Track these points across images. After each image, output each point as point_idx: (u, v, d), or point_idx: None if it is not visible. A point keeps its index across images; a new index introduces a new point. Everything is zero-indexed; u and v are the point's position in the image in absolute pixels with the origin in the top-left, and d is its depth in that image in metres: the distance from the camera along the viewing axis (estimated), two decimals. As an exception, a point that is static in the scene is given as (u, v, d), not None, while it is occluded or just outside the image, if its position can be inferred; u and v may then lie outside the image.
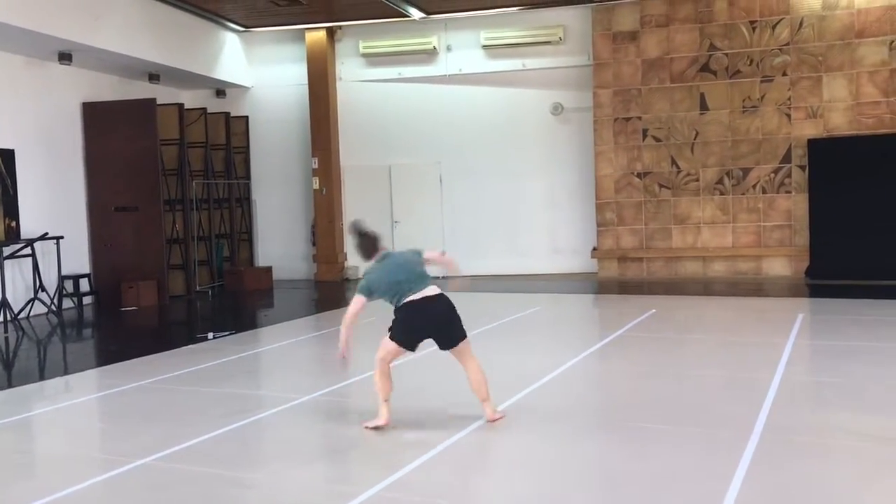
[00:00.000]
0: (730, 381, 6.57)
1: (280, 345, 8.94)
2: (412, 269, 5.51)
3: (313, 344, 9.27)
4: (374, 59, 15.52)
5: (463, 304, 6.03)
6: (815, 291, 12.00)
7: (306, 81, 15.49)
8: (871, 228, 12.43)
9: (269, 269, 15.11)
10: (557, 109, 14.82)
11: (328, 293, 13.96)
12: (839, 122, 13.00)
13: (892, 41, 12.65)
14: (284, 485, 4.46)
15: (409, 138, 15.44)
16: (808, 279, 12.93)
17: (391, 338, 5.47)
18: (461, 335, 5.46)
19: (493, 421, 5.37)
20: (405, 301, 5.41)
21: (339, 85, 15.72)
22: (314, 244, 15.76)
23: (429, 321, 5.37)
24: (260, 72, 16.07)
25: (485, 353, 7.85)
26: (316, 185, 15.50)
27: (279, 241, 16.10)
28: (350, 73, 15.71)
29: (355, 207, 15.76)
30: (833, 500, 4.01)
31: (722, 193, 13.69)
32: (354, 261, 15.80)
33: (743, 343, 8.22)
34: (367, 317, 10.11)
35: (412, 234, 15.46)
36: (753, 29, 13.37)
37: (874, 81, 12.80)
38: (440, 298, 5.47)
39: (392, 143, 15.50)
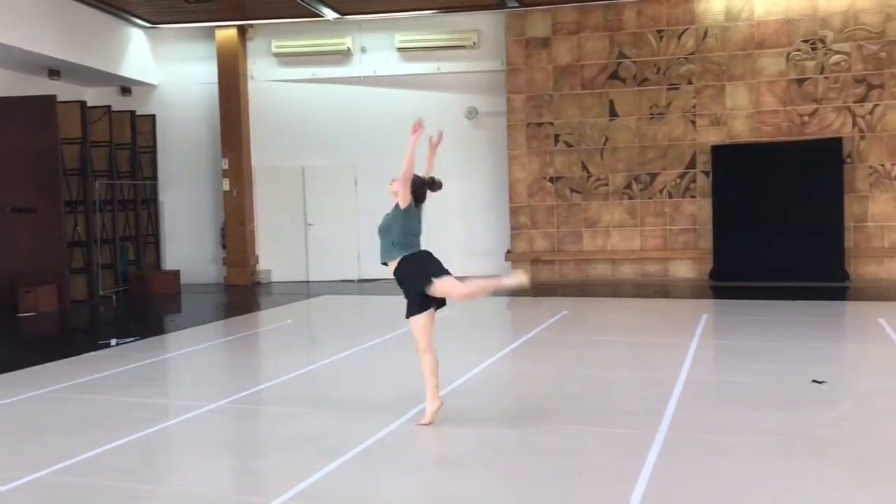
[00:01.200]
0: (637, 381, 6.72)
1: (187, 351, 8.68)
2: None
3: (222, 350, 9.04)
4: (286, 58, 15.29)
5: (378, 308, 5.97)
6: (718, 293, 12.44)
7: (216, 80, 15.13)
8: (771, 232, 12.96)
9: (176, 273, 14.67)
10: (472, 114, 14.92)
11: (238, 298, 13.66)
12: (741, 130, 13.52)
13: (789, 53, 13.23)
14: (189, 497, 4.31)
15: (323, 140, 15.27)
16: (711, 281, 13.39)
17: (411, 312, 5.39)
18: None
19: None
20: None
21: (250, 84, 15.42)
22: (224, 247, 15.39)
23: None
24: (167, 69, 15.61)
25: (399, 357, 7.85)
26: (226, 187, 15.15)
27: (187, 244, 15.67)
28: (262, 73, 15.43)
29: (267, 209, 15.50)
30: (734, 493, 4.13)
31: (630, 198, 14.04)
32: (266, 264, 15.53)
33: (650, 344, 8.43)
34: (283, 318, 9.94)
35: (326, 236, 15.31)
36: (661, 38, 13.77)
37: (773, 91, 13.36)
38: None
39: (306, 145, 15.30)
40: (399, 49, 14.88)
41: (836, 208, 12.85)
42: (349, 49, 14.96)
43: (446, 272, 5.48)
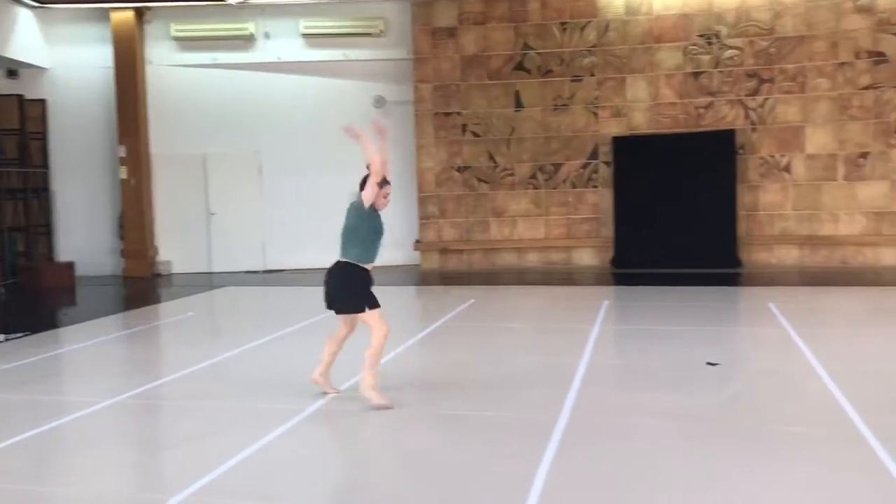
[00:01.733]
0: (541, 366, 6.86)
1: (83, 345, 8.34)
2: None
3: (120, 344, 8.73)
4: (186, 43, 14.82)
5: (284, 299, 5.90)
6: (619, 279, 12.81)
7: (112, 64, 14.54)
8: (669, 220, 13.42)
9: (70, 265, 14.06)
10: (380, 102, 14.84)
11: (137, 290, 13.21)
12: (640, 121, 13.92)
13: (686, 47, 13.70)
14: (87, 496, 4.16)
15: (226, 127, 14.88)
16: (612, 268, 13.77)
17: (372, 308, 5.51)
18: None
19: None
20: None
21: (148, 69, 14.88)
22: (122, 238, 14.84)
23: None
24: (59, 52, 14.88)
25: (306, 347, 7.76)
26: (124, 175, 14.59)
27: (83, 235, 15.03)
28: (161, 58, 14.91)
29: (167, 198, 15.02)
30: (634, 473, 4.28)
31: (535, 188, 14.28)
32: (166, 255, 15.07)
33: (554, 330, 8.62)
34: (185, 310, 9.66)
35: (230, 226, 14.96)
36: (564, 30, 14.03)
37: (670, 84, 13.80)
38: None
39: (207, 132, 14.88)
40: (304, 35, 14.65)
41: (730, 198, 13.41)
42: (252, 34, 14.62)
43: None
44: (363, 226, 5.60)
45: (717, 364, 6.58)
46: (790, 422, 5.06)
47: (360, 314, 5.57)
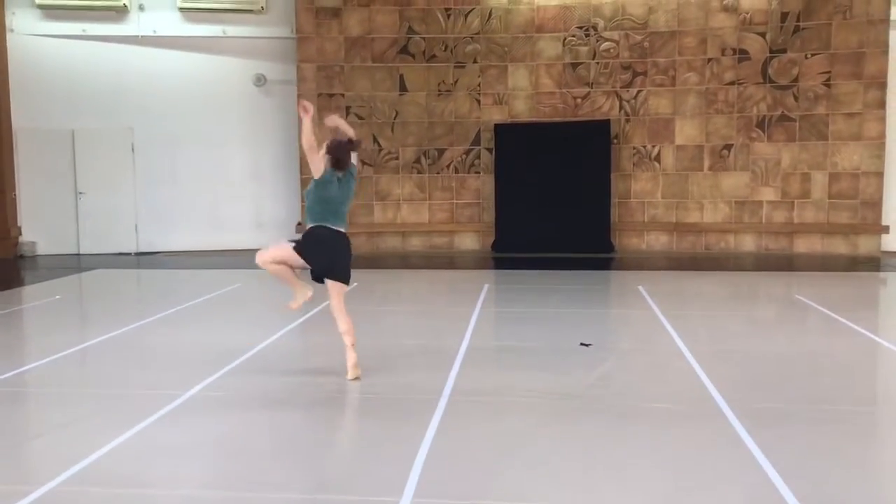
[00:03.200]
0: (422, 349, 6.95)
1: (-64, 331, 7.80)
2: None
3: (-21, 329, 8.21)
4: (52, 11, 14.01)
5: (158, 282, 5.71)
6: (500, 264, 13.10)
7: (-32, 31, 13.57)
8: (547, 206, 13.81)
9: (-79, 245, 13.09)
10: (260, 81, 14.51)
11: (-2, 272, 12.44)
12: (521, 109, 14.22)
13: (565, 38, 14.08)
14: (-60, 489, 3.92)
15: (96, 101, 14.19)
16: (493, 252, 14.06)
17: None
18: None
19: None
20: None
21: (9, 38, 13.98)
22: (-20, 216, 13.92)
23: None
24: None
25: (180, 333, 7.56)
26: (-18, 150, 13.68)
27: (-65, 213, 14.00)
28: (24, 26, 14.03)
29: (31, 176, 14.20)
30: (511, 450, 4.42)
31: (419, 172, 14.36)
32: (30, 235, 14.26)
33: (435, 313, 8.74)
34: (51, 294, 9.17)
35: (100, 205, 14.31)
36: (448, 16, 14.12)
37: (550, 74, 14.16)
38: None
39: (76, 106, 14.15)
40: (181, 9, 14.12)
41: (604, 185, 13.93)
42: (125, 5, 13.97)
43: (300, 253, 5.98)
44: (310, 195, 6.01)
45: (589, 344, 6.86)
46: (656, 399, 5.35)
47: (343, 285, 5.92)
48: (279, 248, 5.91)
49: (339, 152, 5.77)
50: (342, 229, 5.97)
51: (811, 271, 11.94)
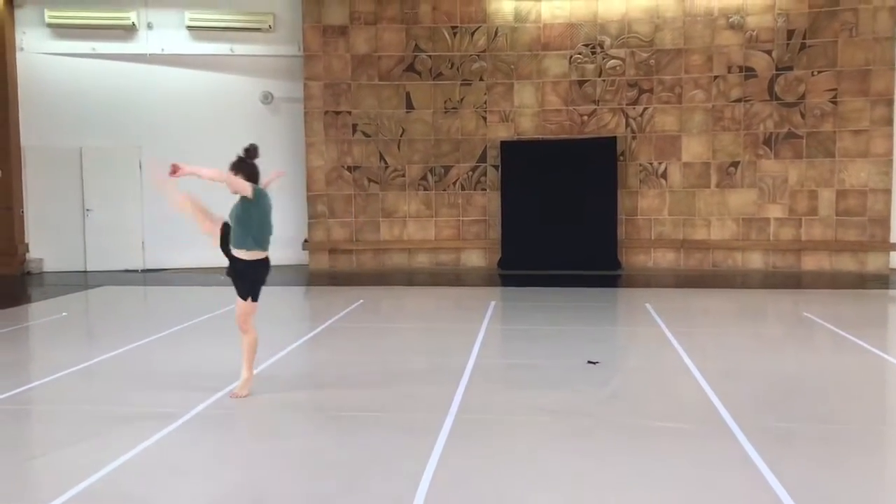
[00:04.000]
0: (429, 366, 6.93)
1: (-57, 348, 7.80)
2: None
3: (-14, 345, 8.21)
4: (63, 30, 14.13)
5: (164, 299, 5.72)
6: (506, 281, 13.07)
7: (-22, 49, 13.69)
8: (553, 223, 13.80)
9: (-70, 262, 13.14)
10: (268, 98, 14.59)
11: (4, 289, 12.46)
12: (527, 127, 14.25)
13: (571, 55, 14.12)
14: (-56, 507, 3.91)
15: (104, 120, 14.27)
16: (499, 269, 14.03)
17: (245, 297, 5.76)
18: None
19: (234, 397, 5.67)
20: (262, 258, 5.81)
21: (19, 56, 14.09)
22: (-12, 234, 13.98)
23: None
24: (-82, 34, 13.89)
25: (185, 350, 7.55)
26: (-9, 167, 13.77)
27: (-56, 230, 14.07)
28: (34, 45, 14.15)
29: (39, 193, 14.27)
30: (518, 468, 4.39)
31: (426, 189, 14.38)
32: (37, 252, 14.31)
33: (442, 330, 8.71)
34: (58, 311, 9.17)
35: (108, 223, 14.35)
36: (454, 34, 14.19)
37: (556, 91, 14.20)
38: None
39: (84, 124, 14.23)
40: (189, 27, 14.22)
41: (611, 202, 13.92)
42: (134, 24, 14.09)
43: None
44: (250, 219, 6.00)
45: (597, 362, 6.82)
46: (664, 417, 5.31)
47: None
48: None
49: (246, 166, 5.82)
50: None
51: (819, 289, 11.88)
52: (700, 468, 4.38)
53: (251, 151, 5.88)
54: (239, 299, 5.82)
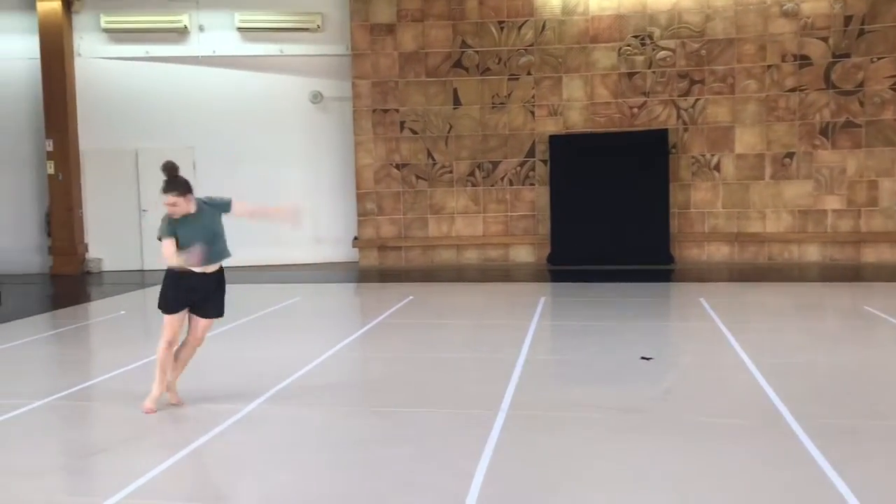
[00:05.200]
0: (480, 362, 6.92)
1: (9, 346, 8.06)
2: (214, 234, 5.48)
3: (49, 343, 8.47)
4: (118, 35, 14.46)
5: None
6: (556, 276, 12.98)
7: (38, 56, 14.08)
8: (603, 217, 13.65)
9: (-5, 263, 13.59)
10: (317, 98, 14.72)
11: (66, 288, 12.83)
12: (576, 120, 14.12)
13: (620, 47, 13.95)
14: (16, 502, 4.02)
15: (158, 121, 14.57)
16: (549, 265, 13.95)
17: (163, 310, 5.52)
18: (219, 314, 5.66)
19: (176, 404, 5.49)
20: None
21: (77, 61, 14.47)
22: (49, 235, 14.40)
23: (194, 291, 5.50)
24: (-18, 42, 14.37)
25: (243, 345, 7.67)
26: (51, 170, 14.17)
27: (8, 232, 14.54)
28: (91, 50, 14.51)
29: (97, 195, 14.64)
30: (571, 466, 4.35)
31: (473, 185, 14.36)
32: (96, 252, 14.69)
33: (492, 326, 8.69)
34: (116, 309, 9.40)
35: (163, 223, 14.63)
36: (502, 29, 14.13)
37: (605, 84, 14.04)
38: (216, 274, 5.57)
39: (140, 126, 14.55)
40: (240, 29, 14.43)
41: (662, 195, 13.72)
42: (186, 27, 14.34)
43: None
44: (222, 231, 5.71)
45: (650, 358, 6.73)
46: (720, 413, 5.21)
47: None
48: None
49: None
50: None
51: (880, 282, 11.54)
52: (758, 466, 4.29)
53: (171, 168, 5.67)
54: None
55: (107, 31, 14.41)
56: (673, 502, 3.87)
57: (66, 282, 13.45)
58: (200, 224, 5.46)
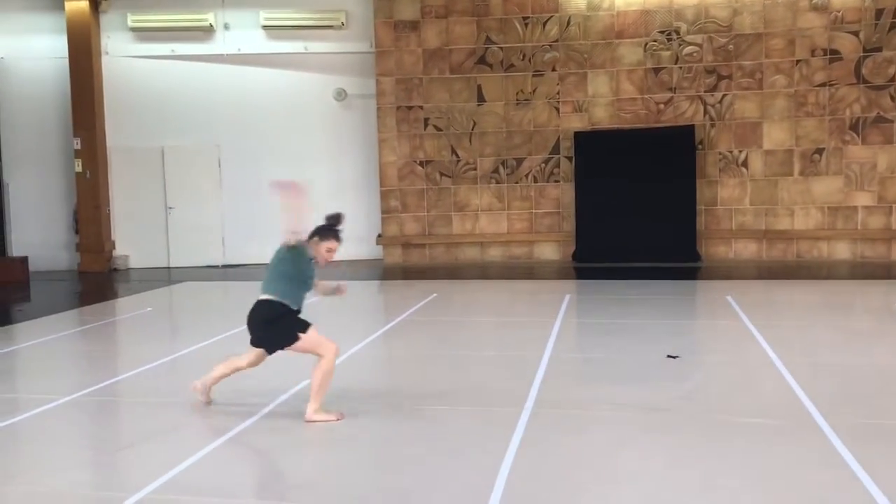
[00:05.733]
0: (504, 360, 6.88)
1: (37, 342, 8.16)
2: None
3: (76, 340, 8.56)
4: (144, 34, 14.58)
5: (245, 294, 5.83)
6: (581, 273, 12.90)
7: (66, 55, 14.24)
8: (629, 214, 13.54)
9: (24, 260, 13.74)
10: (341, 95, 14.74)
11: (93, 285, 12.96)
12: (602, 117, 14.02)
13: (647, 43, 13.82)
14: (42, 495, 4.07)
15: (184, 119, 14.68)
16: (574, 262, 13.87)
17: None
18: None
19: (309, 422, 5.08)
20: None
21: (104, 60, 14.60)
22: (77, 232, 14.56)
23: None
24: (10, 42, 14.55)
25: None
26: (79, 168, 14.32)
27: (37, 229, 14.72)
28: (118, 48, 14.64)
29: (124, 192, 14.78)
30: (596, 464, 4.31)
31: (497, 182, 14.31)
32: (123, 249, 14.83)
33: (516, 323, 8.65)
34: (143, 306, 9.50)
35: (188, 220, 14.77)
36: (526, 25, 14.06)
37: (631, 79, 13.92)
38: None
39: (166, 124, 14.66)
40: (264, 27, 14.49)
41: (689, 192, 13.58)
42: (211, 25, 14.43)
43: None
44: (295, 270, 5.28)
45: (676, 357, 6.66)
46: (748, 412, 5.14)
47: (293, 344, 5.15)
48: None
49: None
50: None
51: (912, 279, 11.34)
52: (787, 466, 4.22)
53: (336, 218, 5.53)
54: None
55: (134, 30, 14.53)
56: (699, 502, 3.81)
57: (94, 279, 13.60)
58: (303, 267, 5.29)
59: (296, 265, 5.19)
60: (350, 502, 3.91)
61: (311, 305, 10.27)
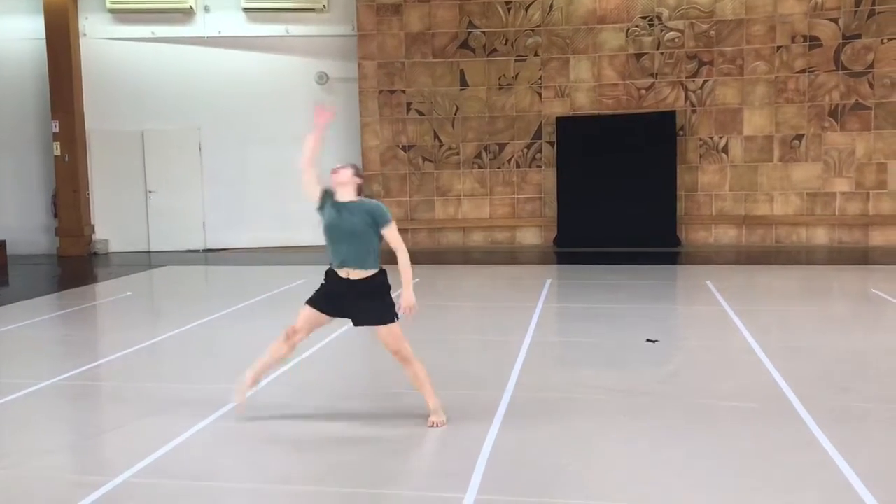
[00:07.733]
0: (485, 345, 6.92)
1: (15, 326, 8.09)
2: None
3: (55, 324, 8.49)
4: (123, 15, 14.40)
5: (225, 278, 5.80)
6: (562, 258, 12.96)
7: (44, 36, 14.03)
8: (610, 199, 13.60)
9: (2, 244, 13.59)
10: (322, 79, 14.65)
11: (72, 269, 12.86)
12: (584, 102, 14.04)
13: (629, 28, 13.83)
14: (19, 481, 4.05)
15: (164, 102, 14.54)
16: (555, 247, 13.92)
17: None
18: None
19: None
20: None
21: (82, 42, 14.42)
22: (56, 216, 14.42)
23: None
24: (-13, 22, 14.33)
25: (248, 328, 7.68)
26: (57, 151, 14.16)
27: (14, 213, 14.56)
28: (96, 30, 14.46)
29: (103, 176, 14.64)
30: (576, 447, 4.35)
31: (480, 167, 14.31)
32: (103, 233, 14.70)
33: (498, 308, 8.68)
34: (123, 290, 9.42)
35: (168, 204, 14.66)
36: (509, 9, 14.02)
37: (613, 65, 13.94)
38: None
39: (145, 107, 14.52)
40: (245, 9, 14.35)
41: (670, 178, 13.65)
42: (191, 7, 14.27)
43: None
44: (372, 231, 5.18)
45: (656, 341, 6.72)
46: (726, 396, 5.20)
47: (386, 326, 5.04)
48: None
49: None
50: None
51: (888, 265, 11.48)
52: (764, 449, 4.28)
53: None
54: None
55: (112, 11, 14.35)
56: (678, 484, 3.87)
57: (73, 263, 13.49)
58: (345, 216, 5.06)
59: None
60: (330, 486, 3.92)
61: (296, 288, 10.23)
